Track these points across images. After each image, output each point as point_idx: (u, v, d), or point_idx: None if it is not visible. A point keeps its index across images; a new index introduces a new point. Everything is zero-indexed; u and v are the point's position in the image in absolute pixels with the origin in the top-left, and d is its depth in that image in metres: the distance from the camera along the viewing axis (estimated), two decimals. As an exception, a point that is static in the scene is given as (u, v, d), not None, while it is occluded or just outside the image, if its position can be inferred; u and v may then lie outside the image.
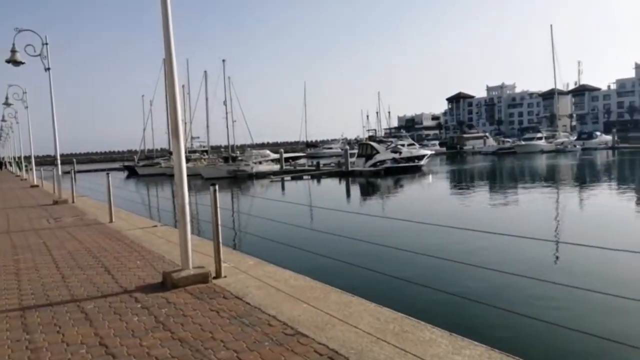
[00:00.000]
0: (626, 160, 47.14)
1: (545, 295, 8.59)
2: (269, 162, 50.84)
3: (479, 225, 15.65)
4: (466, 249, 12.10)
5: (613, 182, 30.76)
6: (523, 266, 10.52)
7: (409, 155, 45.58)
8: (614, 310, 7.70)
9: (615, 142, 63.85)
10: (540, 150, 64.11)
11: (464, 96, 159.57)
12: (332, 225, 16.05)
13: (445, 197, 27.55)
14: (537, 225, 16.18)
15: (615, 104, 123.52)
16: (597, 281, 9.41)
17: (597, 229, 15.19)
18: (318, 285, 5.24)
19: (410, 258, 10.88)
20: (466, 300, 7.47)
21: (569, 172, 38.94)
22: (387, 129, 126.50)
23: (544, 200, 23.11)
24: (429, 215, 19.37)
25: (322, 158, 68.54)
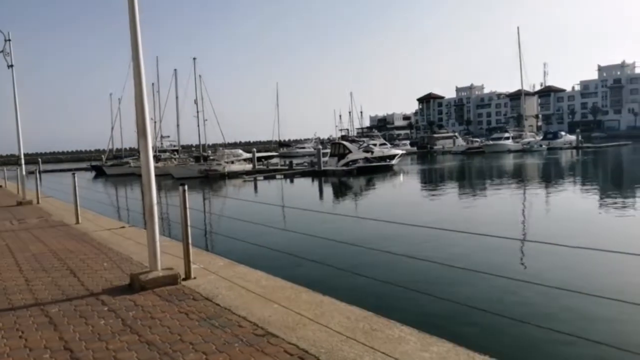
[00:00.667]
0: (589, 160, 48.81)
1: (513, 292, 8.77)
2: (242, 161, 50.44)
3: (448, 225, 15.91)
4: (436, 248, 12.30)
5: (577, 181, 31.81)
6: (491, 264, 10.76)
7: (381, 155, 46.01)
8: (580, 306, 7.93)
9: (579, 142, 65.99)
10: (508, 149, 65.70)
11: (434, 97, 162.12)
12: (305, 225, 16.04)
13: (416, 196, 27.94)
14: (505, 224, 16.53)
15: (579, 105, 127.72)
16: (564, 278, 9.66)
17: (563, 227, 15.63)
18: (289, 285, 5.24)
19: (381, 257, 11.00)
20: (435, 298, 7.59)
21: (535, 171, 40.06)
22: (359, 128, 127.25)
23: (512, 199, 23.68)
24: (400, 214, 19.61)
25: (295, 157, 68.48)
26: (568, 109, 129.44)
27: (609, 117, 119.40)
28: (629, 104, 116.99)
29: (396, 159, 46.40)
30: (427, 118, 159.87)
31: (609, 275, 9.76)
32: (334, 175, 40.72)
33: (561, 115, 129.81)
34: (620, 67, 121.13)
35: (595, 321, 7.53)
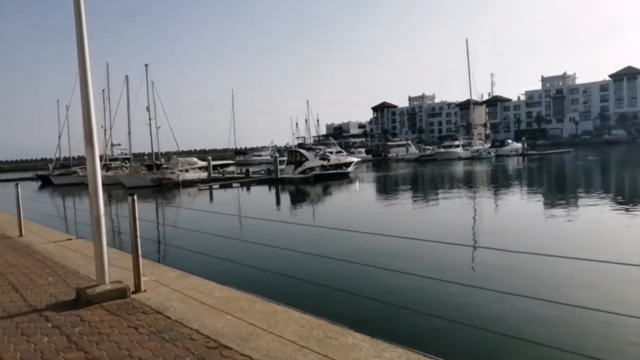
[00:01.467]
0: (535, 166, 51.17)
1: (464, 298, 9.02)
2: (196, 169, 49.52)
3: (402, 231, 16.17)
4: (390, 255, 12.46)
5: (524, 187, 33.24)
6: (442, 270, 10.98)
7: (337, 163, 46.45)
8: (528, 311, 8.19)
9: (525, 149, 69.04)
10: (458, 157, 67.88)
11: (388, 106, 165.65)
12: (261, 234, 15.92)
13: (372, 203, 28.32)
14: (456, 229, 16.98)
15: (524, 114, 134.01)
16: (512, 283, 9.94)
17: (511, 232, 16.25)
18: (243, 296, 5.19)
19: (336, 265, 11.06)
20: (388, 304, 7.71)
21: (484, 178, 41.55)
22: (315, 136, 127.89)
23: (462, 205, 24.43)
24: (355, 221, 19.80)
25: (252, 165, 67.97)
26: (514, 117, 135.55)
27: (552, 125, 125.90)
28: (570, 113, 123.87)
29: (352, 166, 46.96)
30: (381, 126, 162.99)
31: (556, 278, 10.12)
32: (291, 183, 40.69)
33: (508, 123, 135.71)
34: (562, 78, 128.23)
35: (543, 324, 7.79)
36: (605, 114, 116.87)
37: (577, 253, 11.42)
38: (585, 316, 7.73)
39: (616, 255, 12.22)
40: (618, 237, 14.75)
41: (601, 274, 9.75)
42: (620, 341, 7.08)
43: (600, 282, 9.62)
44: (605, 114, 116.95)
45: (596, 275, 9.86)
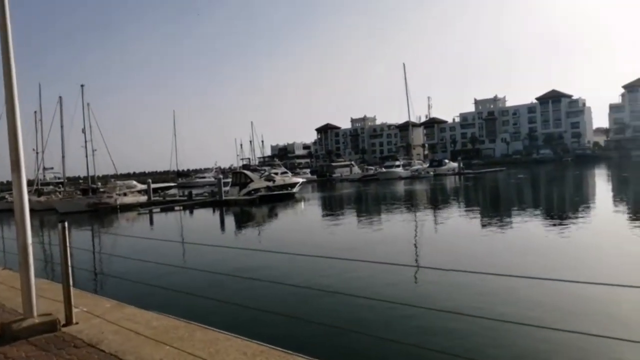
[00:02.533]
0: (470, 185, 53.60)
1: (406, 318, 9.09)
2: (135, 193, 47.75)
3: (346, 251, 16.34)
4: (334, 276, 12.50)
5: (462, 204, 34.67)
6: (385, 290, 11.02)
7: (282, 183, 46.48)
8: (471, 329, 8.41)
9: (461, 169, 72.18)
10: (399, 176, 69.89)
11: (331, 127, 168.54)
12: (203, 260, 15.57)
13: (317, 224, 28.44)
14: (398, 249, 17.33)
15: (459, 135, 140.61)
16: (452, 302, 10.17)
17: (450, 251, 16.79)
18: (182, 325, 5.03)
19: (278, 289, 10.97)
20: (332, 327, 7.72)
21: (424, 196, 42.99)
22: (260, 157, 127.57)
23: (405, 224, 25.06)
24: (300, 243, 19.77)
25: (195, 188, 66.45)
26: (450, 138, 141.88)
27: (485, 145, 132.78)
28: (502, 134, 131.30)
29: (297, 187, 47.12)
30: (325, 147, 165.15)
31: (493, 296, 10.37)
32: (236, 205, 40.15)
33: (445, 144, 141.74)
34: (493, 100, 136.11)
35: (487, 341, 7.98)
36: (534, 135, 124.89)
37: (518, 270, 12.00)
38: (525, 333, 7.97)
39: (549, 269, 12.95)
40: (550, 251, 15.67)
41: (534, 289, 10.22)
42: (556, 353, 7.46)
43: (533, 297, 9.99)
44: (533, 135, 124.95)
45: (531, 291, 10.28)
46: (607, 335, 6.94)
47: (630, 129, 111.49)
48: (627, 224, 20.26)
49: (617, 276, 11.49)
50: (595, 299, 9.48)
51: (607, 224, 20.50)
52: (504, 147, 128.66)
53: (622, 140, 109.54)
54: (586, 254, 14.95)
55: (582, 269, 12.80)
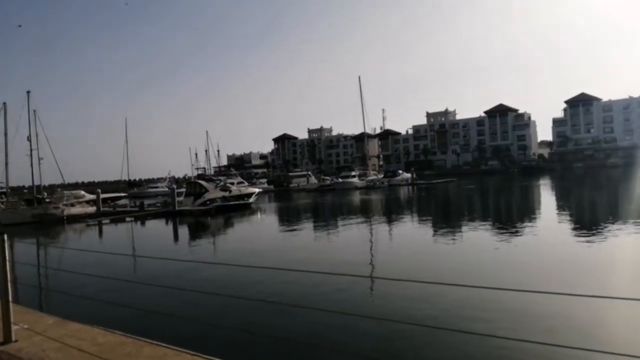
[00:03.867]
0: (423, 195, 55.13)
1: (360, 329, 9.25)
2: (84, 203, 45.98)
3: (303, 263, 16.43)
4: (290, 288, 12.50)
5: (415, 214, 35.65)
6: (340, 302, 11.12)
7: (239, 194, 46.09)
8: (423, 339, 8.61)
9: (414, 179, 74.12)
10: (355, 186, 70.93)
11: (289, 137, 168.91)
12: (154, 273, 15.26)
13: (273, 234, 28.42)
14: (354, 259, 17.42)
15: (412, 146, 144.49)
16: (406, 312, 10.29)
17: (405, 261, 17.24)
18: (130, 341, 4.93)
19: (232, 302, 10.92)
20: (286, 340, 7.77)
21: (379, 206, 43.82)
22: (216, 167, 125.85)
23: (361, 234, 25.44)
24: (256, 255, 19.64)
25: (147, 198, 64.71)
26: (404, 149, 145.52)
27: (437, 157, 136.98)
28: (452, 146, 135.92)
29: (253, 197, 46.88)
30: (282, 157, 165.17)
31: (446, 306, 10.55)
32: (190, 216, 39.43)
33: (398, 155, 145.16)
34: (445, 114, 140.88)
35: (431, 350, 8.20)
36: (482, 147, 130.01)
37: (474, 280, 12.49)
38: (475, 342, 8.25)
39: (498, 278, 13.58)
40: (499, 260, 16.43)
41: (483, 298, 10.69)
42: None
43: (483, 306, 10.28)
44: (482, 147, 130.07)
45: (480, 299, 10.66)
46: (552, 343, 7.45)
47: (572, 142, 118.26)
48: (568, 233, 21.55)
49: (561, 284, 12.23)
50: (541, 306, 9.89)
51: (550, 233, 21.69)
52: (454, 158, 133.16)
53: (565, 153, 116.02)
54: (531, 262, 15.71)
55: (528, 277, 13.49)
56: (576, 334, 8.51)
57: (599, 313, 9.19)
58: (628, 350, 6.83)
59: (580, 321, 8.92)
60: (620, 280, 12.24)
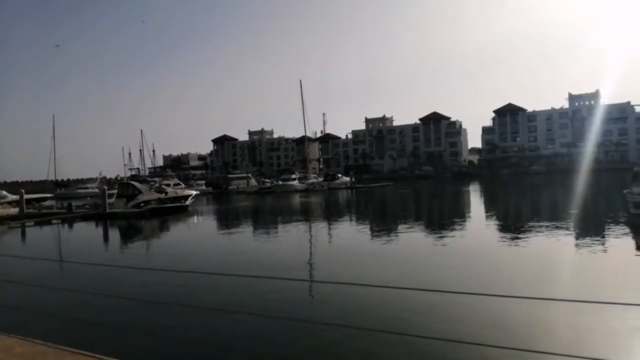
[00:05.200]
0: (361, 198, 56.33)
1: (297, 333, 9.32)
2: (5, 204, 42.90)
3: (240, 267, 16.29)
4: (224, 294, 12.33)
5: (353, 217, 36.37)
6: (279, 306, 11.09)
7: (175, 196, 44.83)
8: (363, 342, 8.67)
9: (353, 183, 75.52)
10: (295, 189, 71.18)
11: (229, 138, 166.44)
12: (81, 279, 14.74)
13: (211, 238, 27.95)
14: (293, 263, 17.45)
15: (352, 151, 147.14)
16: (345, 315, 10.45)
17: (344, 263, 17.56)
18: (51, 350, 4.75)
19: (162, 309, 10.75)
20: (221, 348, 7.74)
21: (319, 209, 44.29)
22: (151, 168, 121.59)
23: (300, 237, 25.62)
24: (192, 259, 19.20)
25: (75, 199, 61.37)
26: (343, 154, 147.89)
27: (375, 161, 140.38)
28: (389, 151, 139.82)
29: (190, 199, 45.80)
30: (222, 159, 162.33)
31: (384, 308, 10.85)
32: (123, 218, 37.85)
33: (338, 159, 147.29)
34: (382, 120, 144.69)
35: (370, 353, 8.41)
36: (417, 152, 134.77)
37: (412, 282, 12.96)
38: (418, 344, 8.50)
39: (434, 279, 14.22)
40: (432, 262, 17.19)
41: (419, 299, 11.18)
42: None
43: (418, 307, 10.72)
44: (417, 152, 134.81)
45: (416, 301, 11.17)
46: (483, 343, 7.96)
47: (499, 149, 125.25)
48: (495, 235, 22.95)
49: (492, 285, 13.01)
50: (475, 308, 10.30)
51: (479, 235, 22.98)
52: (391, 163, 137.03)
53: (493, 160, 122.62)
54: (463, 263, 16.55)
55: (462, 278, 14.24)
56: (505, 333, 8.94)
57: (529, 313, 9.67)
58: (562, 350, 7.48)
59: (510, 321, 9.41)
60: (550, 281, 13.20)
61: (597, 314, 9.13)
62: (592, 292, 11.06)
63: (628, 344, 7.94)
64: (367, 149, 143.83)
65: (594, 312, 9.15)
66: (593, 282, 12.58)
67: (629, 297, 10.42)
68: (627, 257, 15.73)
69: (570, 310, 9.49)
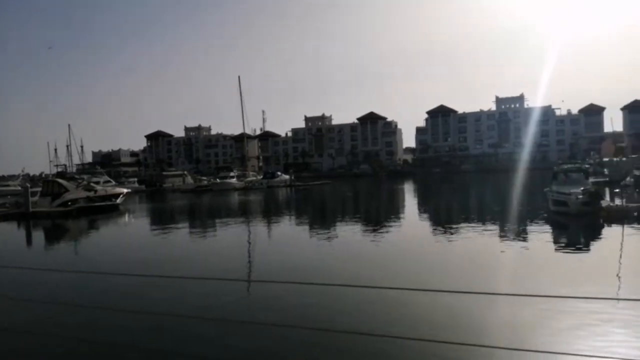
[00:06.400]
0: (301, 196, 56.54)
1: (233, 336, 9.24)
2: None
3: (175, 268, 15.80)
4: (157, 297, 11.93)
5: (293, 215, 36.40)
6: (216, 307, 10.85)
7: (105, 194, 42.79)
8: (301, 342, 8.72)
9: (292, 181, 75.62)
10: (233, 187, 70.16)
11: (163, 134, 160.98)
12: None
13: (143, 238, 26.92)
14: (231, 263, 17.12)
15: (291, 149, 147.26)
16: (283, 314, 10.40)
17: (282, 262, 17.52)
18: None
19: (90, 314, 10.31)
20: (153, 352, 7.53)
21: (258, 207, 43.95)
22: (79, 164, 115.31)
23: (238, 236, 25.19)
24: (123, 261, 18.35)
25: (-7, 198, 56.91)
26: (283, 152, 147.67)
27: (314, 159, 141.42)
28: (328, 150, 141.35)
29: (121, 198, 43.91)
30: (156, 156, 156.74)
31: (324, 306, 10.86)
32: (47, 218, 35.58)
33: (278, 157, 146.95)
34: (321, 118, 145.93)
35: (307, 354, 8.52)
36: (355, 151, 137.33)
37: (346, 278, 13.13)
38: (353, 342, 8.64)
39: (373, 276, 14.52)
40: (374, 258, 17.56)
41: (357, 297, 11.40)
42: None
43: (356, 305, 11.00)
44: (355, 151, 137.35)
45: (354, 298, 11.37)
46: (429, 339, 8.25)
47: (432, 149, 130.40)
48: (426, 231, 23.89)
49: (431, 280, 13.50)
50: (421, 304, 10.68)
51: (410, 231, 23.83)
52: (330, 161, 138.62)
53: (426, 159, 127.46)
54: (403, 259, 17.06)
55: (403, 273, 14.68)
56: (440, 328, 9.27)
57: (459, 306, 10.12)
58: (508, 344, 7.90)
59: (441, 315, 9.81)
60: (476, 276, 13.90)
61: (520, 305, 9.77)
62: (522, 286, 11.80)
63: (552, 334, 8.54)
64: (306, 147, 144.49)
65: (520, 305, 9.79)
66: (520, 277, 13.37)
67: (549, 290, 11.24)
68: (547, 253, 16.90)
69: (499, 304, 10.09)
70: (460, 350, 7.74)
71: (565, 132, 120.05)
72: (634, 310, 9.67)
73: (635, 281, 12.38)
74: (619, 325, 8.66)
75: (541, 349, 7.70)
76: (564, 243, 19.23)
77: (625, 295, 10.73)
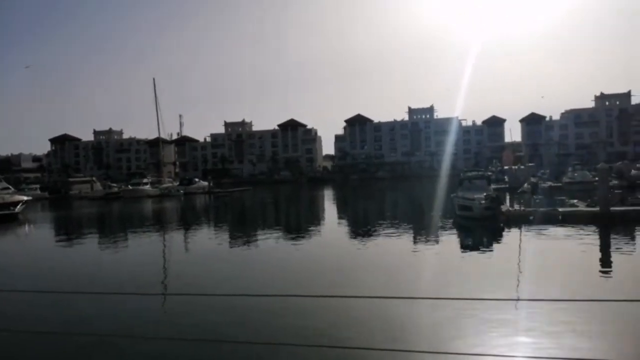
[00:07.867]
0: (220, 203, 55.38)
1: (149, 351, 9.01)
2: None
3: (77, 283, 14.90)
4: (61, 315, 11.22)
5: (210, 223, 35.51)
6: (127, 324, 10.46)
7: (2, 202, 39.10)
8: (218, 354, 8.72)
9: (211, 188, 73.82)
10: (147, 194, 67.06)
11: (70, 138, 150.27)
12: None
13: (45, 250, 24.87)
14: (143, 276, 16.47)
15: (211, 154, 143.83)
16: (199, 327, 10.17)
17: (197, 274, 17.05)
18: None
19: None
20: None
21: (173, 216, 42.38)
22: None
23: (149, 246, 24.18)
24: (22, 276, 17.03)
25: None
26: (202, 157, 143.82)
27: (234, 165, 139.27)
28: (249, 156, 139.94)
29: (20, 206, 40.34)
30: (62, 160, 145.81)
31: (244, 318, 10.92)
32: None
33: (196, 162, 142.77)
34: (242, 124, 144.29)
35: None
36: (276, 158, 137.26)
37: (258, 288, 13.05)
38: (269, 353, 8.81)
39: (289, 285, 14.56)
40: (291, 267, 17.62)
41: (275, 306, 11.42)
42: None
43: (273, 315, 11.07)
44: (276, 158, 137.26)
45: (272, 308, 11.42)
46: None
47: (350, 156, 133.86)
48: (342, 237, 24.47)
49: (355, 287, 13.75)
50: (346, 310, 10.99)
51: (327, 238, 24.29)
52: (250, 167, 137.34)
53: (344, 166, 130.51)
54: (310, 267, 17.34)
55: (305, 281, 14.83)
56: (360, 333, 9.59)
57: (388, 313, 10.37)
58: (412, 347, 8.23)
59: (358, 320, 10.11)
60: (388, 280, 14.42)
61: (427, 308, 10.33)
62: (431, 290, 12.45)
63: (459, 336, 9.11)
64: (226, 153, 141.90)
65: (429, 307, 10.35)
66: (429, 280, 14.10)
67: (457, 292, 11.99)
68: (454, 256, 18.02)
69: (409, 307, 10.57)
70: (367, 356, 8.01)
71: (471, 141, 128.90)
72: (533, 308, 10.54)
73: (533, 281, 13.46)
74: (520, 324, 9.37)
75: (446, 350, 8.19)
76: (469, 246, 20.62)
77: (525, 295, 11.70)
